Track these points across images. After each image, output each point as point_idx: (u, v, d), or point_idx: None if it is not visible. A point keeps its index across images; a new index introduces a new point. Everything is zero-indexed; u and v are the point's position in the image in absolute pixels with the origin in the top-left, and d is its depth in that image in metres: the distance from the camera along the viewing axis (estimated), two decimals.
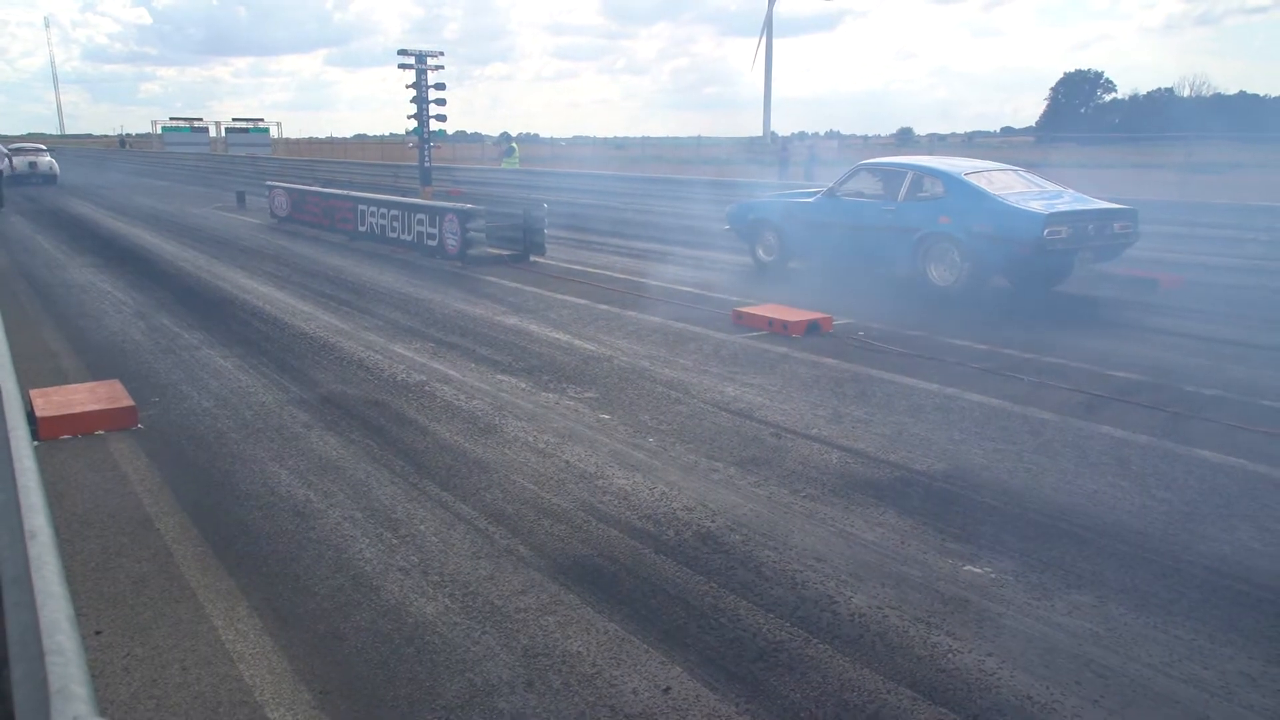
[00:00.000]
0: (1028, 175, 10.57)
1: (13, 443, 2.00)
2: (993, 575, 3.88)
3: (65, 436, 5.63)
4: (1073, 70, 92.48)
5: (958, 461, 5.24)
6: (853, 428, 5.85)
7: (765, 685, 3.12)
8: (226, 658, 3.30)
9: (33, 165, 33.07)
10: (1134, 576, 3.86)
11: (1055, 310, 9.56)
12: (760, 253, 12.43)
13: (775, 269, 12.10)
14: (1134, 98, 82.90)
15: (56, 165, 34.69)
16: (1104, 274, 11.36)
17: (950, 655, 3.28)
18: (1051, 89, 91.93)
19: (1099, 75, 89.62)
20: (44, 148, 36.70)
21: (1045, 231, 8.95)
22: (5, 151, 28.58)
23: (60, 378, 6.92)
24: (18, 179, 32.08)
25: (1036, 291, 10.12)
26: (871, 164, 11.59)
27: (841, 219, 10.87)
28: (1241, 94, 76.65)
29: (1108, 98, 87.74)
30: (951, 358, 7.63)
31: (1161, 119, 60.55)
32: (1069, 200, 9.77)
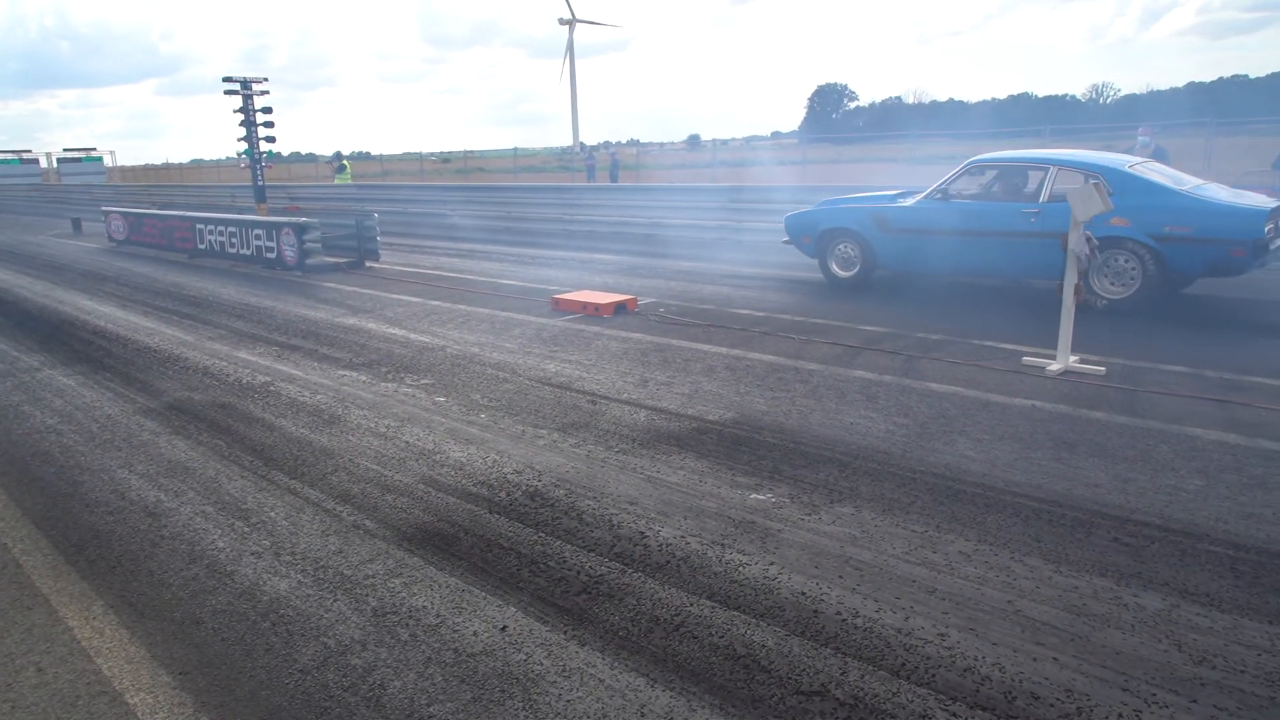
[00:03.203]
0: (1161, 166, 8.48)
1: None
2: (773, 500, 4.09)
3: None
4: (824, 83, 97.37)
5: (744, 410, 5.46)
6: (656, 390, 5.99)
7: (589, 614, 3.17)
8: (83, 654, 3.04)
9: None
10: (881, 488, 4.16)
11: (816, 282, 10.07)
12: (834, 267, 9.63)
13: (856, 286, 9.43)
14: (872, 105, 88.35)
15: None
16: None
17: (741, 569, 3.44)
18: (808, 98, 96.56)
19: (844, 87, 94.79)
20: None
21: (1267, 229, 6.97)
22: None
23: None
24: None
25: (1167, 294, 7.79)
26: (990, 160, 8.94)
27: (959, 225, 8.35)
28: (951, 100, 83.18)
29: (852, 105, 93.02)
30: (737, 325, 7.93)
31: (893, 122, 64.82)
32: (1231, 192, 7.86)
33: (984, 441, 4.71)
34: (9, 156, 53.60)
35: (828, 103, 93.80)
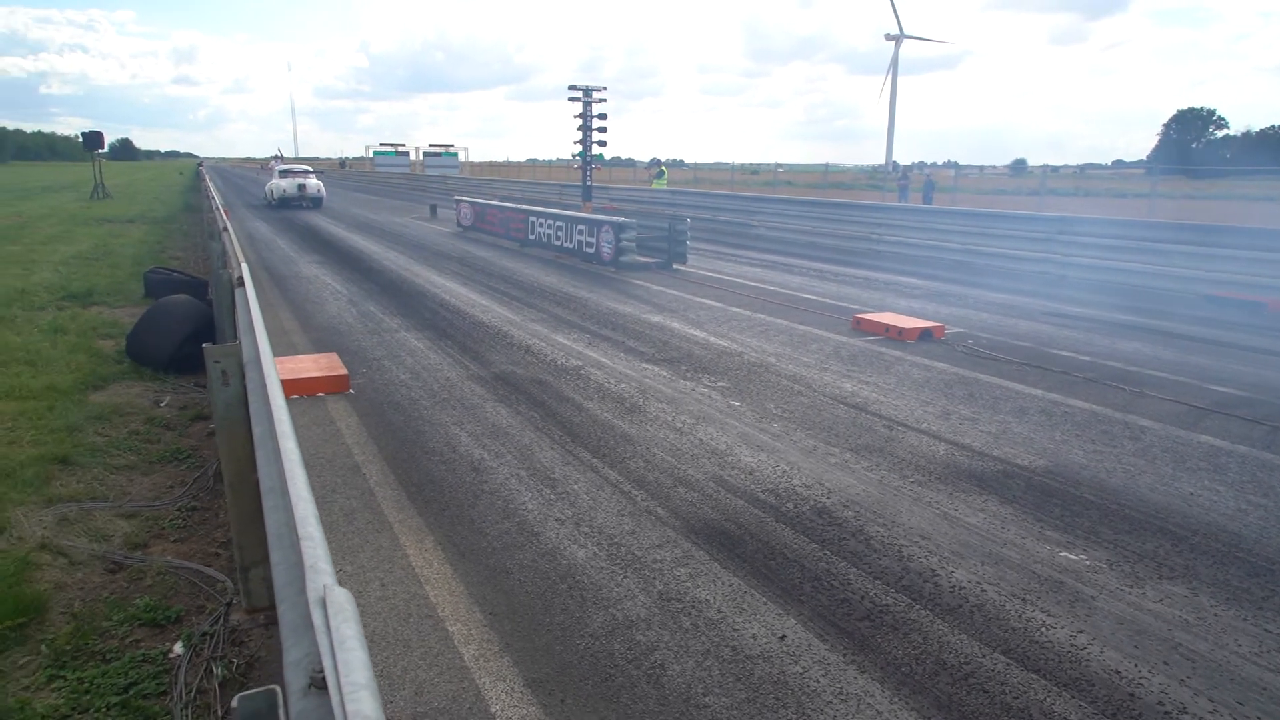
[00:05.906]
0: None
1: (269, 388, 2.19)
2: (1087, 562, 3.70)
3: (294, 397, 6.06)
4: (1185, 107, 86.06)
5: (1058, 459, 5.00)
6: (959, 424, 5.66)
7: (870, 641, 3.08)
8: (415, 579, 3.50)
9: (301, 188, 27.99)
10: (1226, 573, 3.61)
11: (1158, 329, 8.96)
12: None
13: None
14: (1247, 134, 76.39)
15: (324, 188, 29.13)
16: (1208, 296, 10.59)
17: (1043, 629, 3.16)
18: (1164, 125, 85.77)
19: (1212, 112, 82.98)
20: (310, 169, 31.24)
21: None
22: (278, 168, 29.78)
23: (291, 349, 7.45)
24: (286, 202, 27.84)
25: None
26: None
27: None
28: None
29: (1220, 134, 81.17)
30: (1056, 367, 7.27)
31: (1271, 155, 55.50)
32: None
33: None
34: (388, 149, 62.97)
35: (1189, 130, 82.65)
